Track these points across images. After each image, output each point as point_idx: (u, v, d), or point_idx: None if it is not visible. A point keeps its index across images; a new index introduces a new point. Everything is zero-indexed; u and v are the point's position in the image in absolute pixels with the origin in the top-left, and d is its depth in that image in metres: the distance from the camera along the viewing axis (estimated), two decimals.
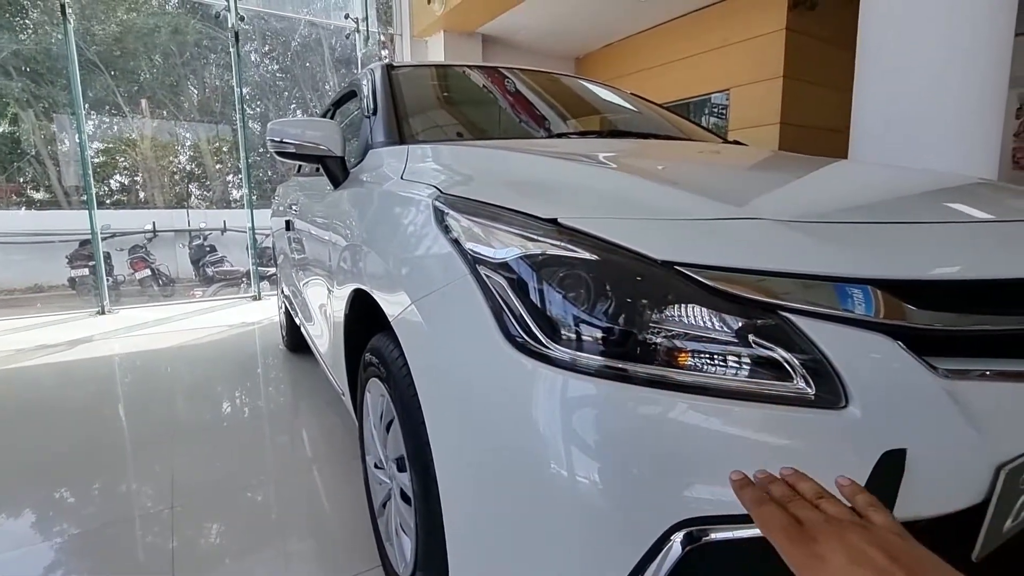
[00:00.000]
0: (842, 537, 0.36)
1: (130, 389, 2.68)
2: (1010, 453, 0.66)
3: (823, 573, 0.35)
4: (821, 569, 0.35)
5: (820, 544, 0.37)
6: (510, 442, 0.69)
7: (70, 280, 6.53)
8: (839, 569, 0.34)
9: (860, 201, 0.92)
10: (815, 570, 0.36)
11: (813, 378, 0.61)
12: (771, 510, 0.41)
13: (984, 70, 2.22)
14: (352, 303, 1.28)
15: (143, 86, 7.59)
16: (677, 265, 0.64)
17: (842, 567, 0.34)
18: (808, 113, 4.53)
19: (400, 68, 1.81)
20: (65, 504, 1.61)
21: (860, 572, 0.34)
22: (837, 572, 0.35)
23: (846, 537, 0.36)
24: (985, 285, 0.71)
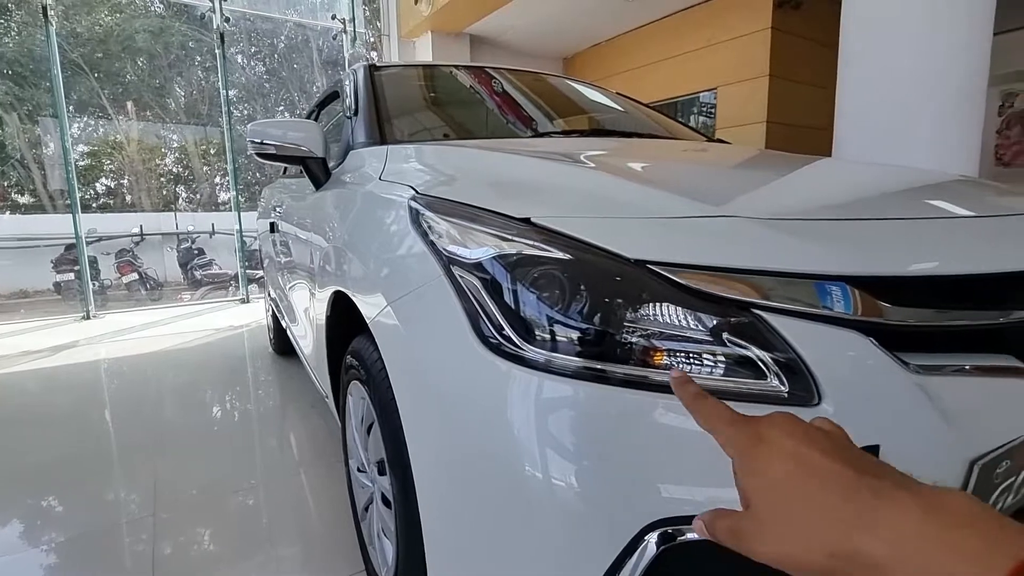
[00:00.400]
0: (788, 420, 0.35)
1: (114, 395, 2.65)
2: (983, 448, 0.66)
3: (762, 449, 0.34)
4: (765, 452, 0.34)
5: (763, 426, 0.35)
6: (485, 444, 0.68)
7: (55, 285, 6.44)
8: (785, 450, 0.33)
9: (836, 198, 0.92)
10: (758, 452, 0.34)
11: (787, 376, 0.61)
12: (714, 403, 0.40)
13: (964, 68, 2.25)
14: (333, 305, 1.27)
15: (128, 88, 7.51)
16: (650, 264, 0.64)
17: (789, 448, 0.33)
18: (794, 111, 4.56)
19: (383, 69, 1.80)
20: (46, 512, 1.59)
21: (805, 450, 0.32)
22: (778, 448, 0.33)
23: (792, 421, 0.35)
24: (958, 281, 0.71)
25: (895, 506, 0.28)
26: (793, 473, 0.32)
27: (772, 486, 0.33)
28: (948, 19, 2.23)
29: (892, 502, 0.28)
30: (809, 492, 0.31)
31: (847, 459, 0.32)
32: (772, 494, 0.33)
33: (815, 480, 0.31)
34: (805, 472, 0.32)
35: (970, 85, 2.28)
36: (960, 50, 2.24)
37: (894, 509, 0.28)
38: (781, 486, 0.32)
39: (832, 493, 0.30)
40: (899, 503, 0.28)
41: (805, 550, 0.30)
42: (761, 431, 0.35)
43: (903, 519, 0.27)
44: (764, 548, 0.33)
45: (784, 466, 0.33)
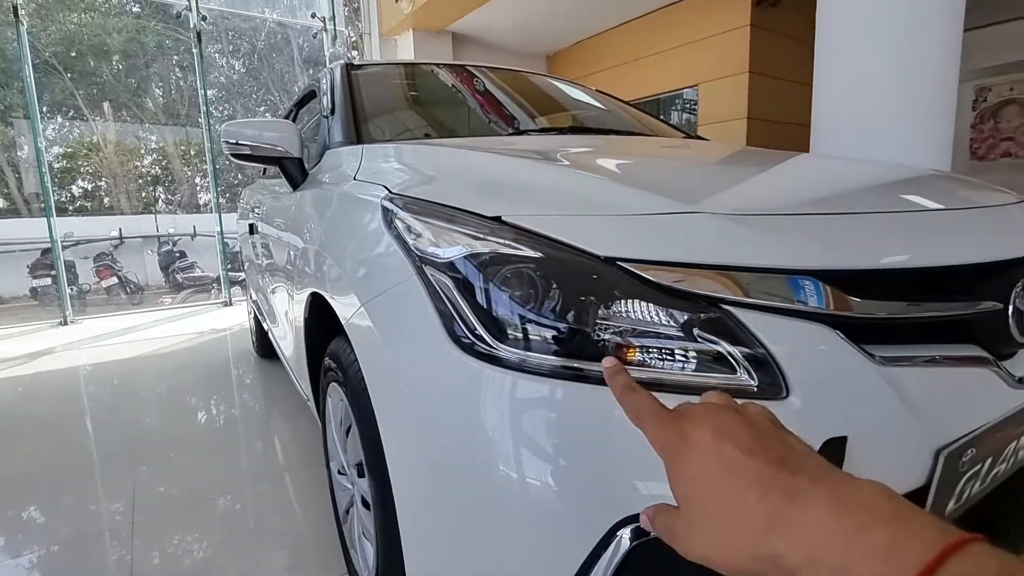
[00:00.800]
0: (711, 414, 0.34)
1: (93, 401, 2.60)
2: (949, 437, 0.68)
3: (685, 449, 0.33)
4: (687, 449, 0.33)
5: (686, 422, 0.35)
6: (460, 445, 0.68)
7: (32, 290, 6.31)
8: (704, 446, 0.32)
9: (807, 194, 0.93)
10: (681, 450, 0.33)
11: (755, 370, 0.61)
12: (643, 396, 0.39)
13: (936, 64, 2.29)
14: (311, 307, 1.26)
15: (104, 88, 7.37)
16: (620, 261, 0.64)
17: (707, 444, 0.32)
18: (774, 108, 4.62)
19: (360, 68, 1.78)
20: (23, 523, 1.55)
21: (724, 447, 0.32)
22: (699, 446, 0.33)
23: (714, 415, 0.34)
24: (925, 273, 0.72)
25: (806, 507, 0.28)
26: (713, 473, 0.32)
27: (695, 486, 0.33)
28: (920, 16, 2.27)
29: (803, 502, 0.28)
30: (727, 492, 0.31)
31: (767, 453, 0.31)
32: (696, 494, 0.33)
33: (733, 479, 0.31)
34: (724, 471, 0.31)
35: (942, 80, 2.32)
36: (932, 46, 2.28)
37: (805, 510, 0.28)
38: (703, 486, 0.32)
39: (748, 493, 0.30)
40: (810, 503, 0.28)
41: (730, 552, 0.30)
42: (685, 428, 0.35)
43: (813, 520, 0.27)
44: (694, 549, 0.33)
45: (704, 465, 0.32)
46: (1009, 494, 0.85)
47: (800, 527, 0.28)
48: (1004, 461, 0.78)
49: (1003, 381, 0.75)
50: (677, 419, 0.36)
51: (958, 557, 0.23)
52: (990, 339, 0.74)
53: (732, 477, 0.31)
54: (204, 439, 2.11)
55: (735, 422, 0.34)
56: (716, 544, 0.31)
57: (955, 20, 2.32)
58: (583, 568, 0.61)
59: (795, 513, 0.28)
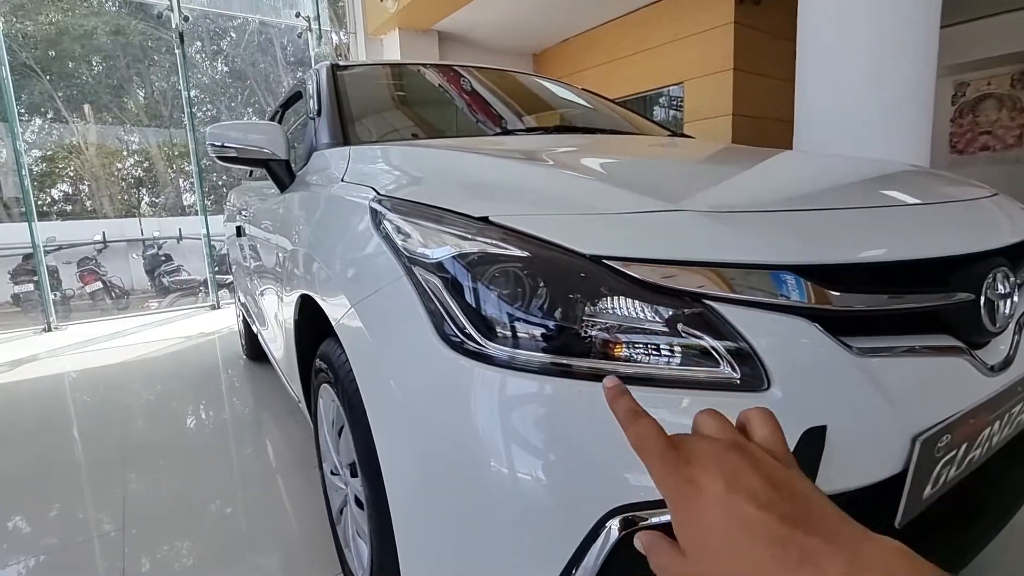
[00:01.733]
0: (720, 461, 0.33)
1: (79, 408, 2.57)
2: (924, 424, 0.70)
3: (693, 498, 0.32)
4: (695, 498, 0.32)
5: (695, 468, 0.33)
6: (452, 442, 0.69)
7: (13, 297, 6.20)
8: (715, 498, 0.31)
9: (787, 190, 0.95)
10: (689, 499, 0.32)
11: (737, 363, 0.63)
12: (647, 426, 0.36)
13: (914, 60, 2.33)
14: (300, 309, 1.26)
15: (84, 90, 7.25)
16: (605, 259, 0.65)
17: (718, 496, 0.31)
18: (759, 104, 4.67)
19: (346, 68, 1.78)
20: (9, 533, 1.54)
21: (735, 501, 0.31)
22: (709, 497, 0.31)
23: (723, 459, 0.33)
24: (901, 266, 0.74)
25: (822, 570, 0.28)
26: (723, 527, 0.31)
27: (703, 540, 0.31)
28: (898, 12, 2.31)
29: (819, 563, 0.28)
30: (740, 550, 0.30)
31: (779, 509, 0.30)
32: (704, 548, 0.31)
33: (745, 537, 0.30)
34: (735, 526, 0.30)
35: (920, 76, 2.37)
36: (909, 42, 2.32)
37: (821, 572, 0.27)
38: (712, 540, 0.31)
39: (762, 552, 0.29)
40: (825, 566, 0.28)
41: None
42: (693, 475, 0.33)
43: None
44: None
45: (714, 519, 0.31)
46: (984, 479, 0.88)
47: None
48: (979, 447, 0.81)
49: (976, 369, 0.77)
50: (684, 464, 0.34)
51: None
52: (964, 329, 0.77)
53: (744, 535, 0.30)
54: (194, 444, 2.10)
55: (745, 468, 0.32)
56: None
57: (932, 16, 2.37)
58: (574, 558, 0.62)
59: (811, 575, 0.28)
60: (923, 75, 2.36)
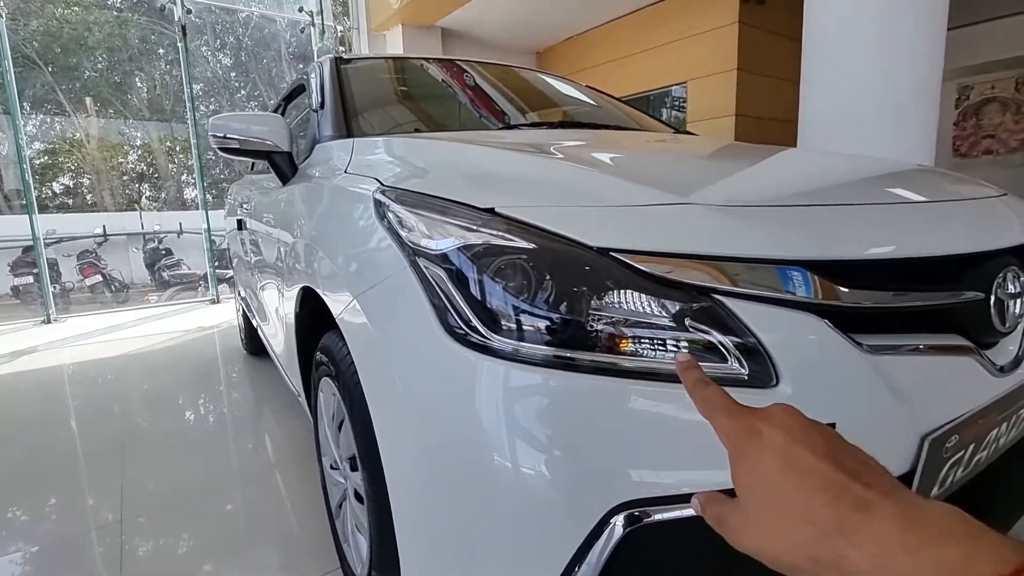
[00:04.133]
0: (785, 415, 0.35)
1: (78, 400, 2.56)
2: (933, 423, 0.69)
3: (754, 443, 0.34)
4: (756, 444, 0.33)
5: (758, 419, 0.35)
6: (454, 436, 0.68)
7: (13, 289, 6.19)
8: (775, 445, 0.33)
9: (795, 186, 0.94)
10: (750, 446, 0.34)
11: (746, 358, 0.62)
12: (715, 390, 0.39)
13: (920, 61, 2.32)
14: (302, 302, 1.25)
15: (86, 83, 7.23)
16: (612, 251, 0.64)
17: (779, 443, 0.33)
18: (762, 104, 4.65)
19: (350, 62, 1.77)
20: (8, 523, 1.53)
21: (796, 448, 0.32)
22: (770, 443, 0.33)
23: (788, 416, 0.35)
24: (910, 263, 0.74)
25: (878, 517, 0.28)
26: (782, 471, 0.32)
27: (760, 482, 0.33)
28: (904, 14, 2.30)
29: (875, 513, 0.28)
30: (795, 493, 0.31)
31: (838, 461, 0.31)
32: (760, 490, 0.33)
33: (803, 481, 0.31)
34: (794, 471, 0.31)
35: (926, 78, 2.36)
36: (916, 44, 2.31)
37: (877, 520, 0.28)
38: (769, 483, 0.32)
39: (818, 497, 0.30)
40: (882, 514, 0.28)
41: (787, 550, 0.30)
42: (756, 424, 0.35)
43: (885, 530, 0.27)
44: (747, 541, 0.33)
45: (774, 462, 0.32)
46: (991, 480, 0.87)
47: (870, 535, 0.28)
48: (986, 448, 0.80)
49: (985, 369, 0.76)
50: (749, 414, 0.36)
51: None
52: (973, 328, 0.76)
53: (802, 478, 0.31)
54: (193, 438, 2.09)
55: (808, 427, 0.34)
56: (773, 539, 0.31)
57: (939, 18, 2.36)
58: (577, 555, 0.61)
59: (865, 522, 0.28)
60: (929, 77, 2.35)
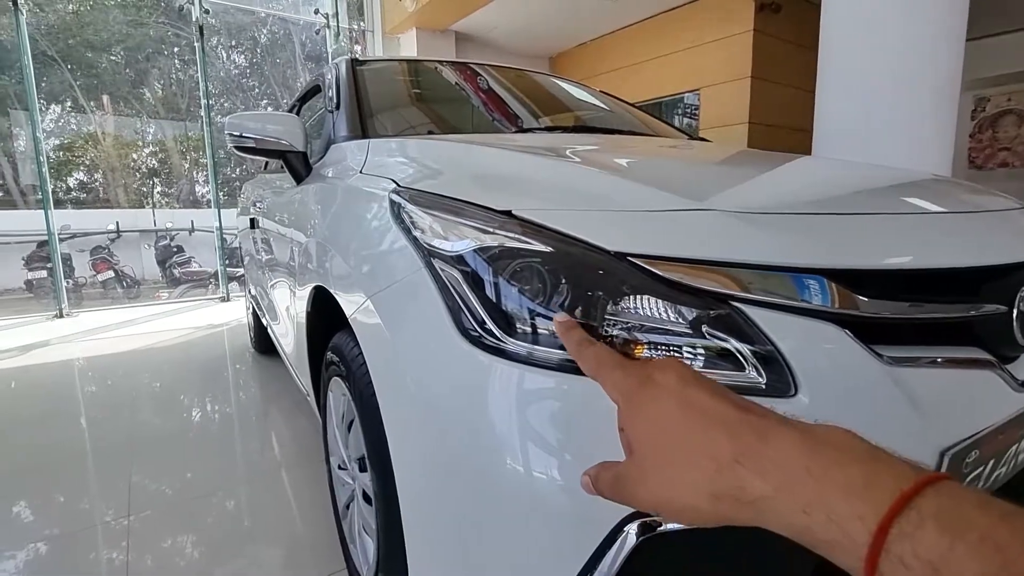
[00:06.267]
0: (676, 363, 0.35)
1: (87, 395, 2.58)
2: (954, 437, 0.68)
3: (647, 389, 0.34)
4: (646, 386, 0.34)
5: (651, 367, 0.35)
6: (466, 438, 0.68)
7: (27, 283, 6.26)
8: (670, 388, 0.33)
9: (814, 194, 0.94)
10: (643, 391, 0.34)
11: (764, 367, 0.61)
12: (603, 348, 0.39)
13: (938, 72, 2.30)
14: (313, 301, 1.26)
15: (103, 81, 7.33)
16: (630, 256, 0.64)
17: (673, 386, 0.33)
18: (775, 113, 4.63)
19: (365, 63, 1.78)
20: (14, 518, 1.54)
21: (690, 391, 0.32)
22: (663, 387, 0.33)
23: (680, 364, 0.35)
24: (930, 274, 0.72)
25: (779, 442, 0.28)
26: (677, 411, 0.32)
27: (656, 426, 0.32)
28: (923, 24, 2.28)
29: (776, 438, 0.28)
30: (693, 430, 0.31)
31: (731, 399, 0.32)
32: (656, 434, 0.32)
33: (699, 418, 0.31)
34: (691, 408, 0.31)
35: (944, 88, 2.33)
36: (934, 55, 2.29)
37: (778, 445, 0.28)
38: (665, 425, 0.32)
39: (716, 431, 0.30)
40: (783, 439, 0.28)
41: (688, 491, 0.30)
42: (649, 372, 0.35)
43: (786, 455, 0.27)
44: (646, 494, 0.32)
45: (669, 404, 0.32)
46: (1010, 496, 0.85)
47: (771, 461, 0.27)
48: (1006, 464, 0.78)
49: (1006, 384, 0.75)
50: (641, 365, 0.36)
51: (932, 490, 0.23)
52: (994, 342, 0.75)
53: (698, 415, 0.31)
54: (201, 435, 2.10)
55: (699, 374, 0.34)
56: (672, 484, 0.30)
57: (957, 29, 2.34)
58: (589, 563, 0.61)
59: (766, 448, 0.28)
60: (947, 88, 2.33)
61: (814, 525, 0.25)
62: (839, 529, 0.24)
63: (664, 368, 0.35)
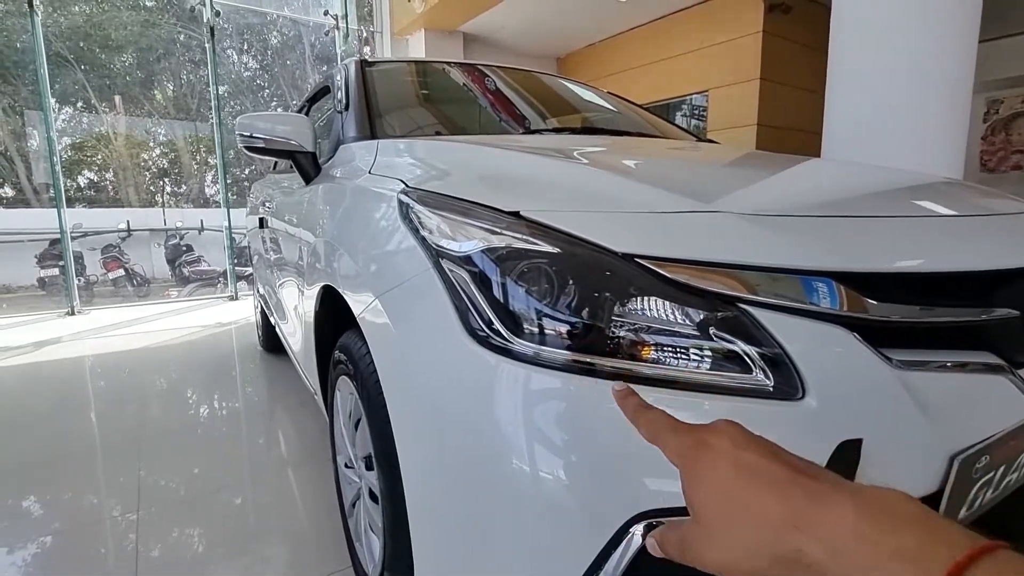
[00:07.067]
0: (730, 426, 0.36)
1: (98, 391, 2.61)
2: (963, 443, 0.67)
3: (703, 455, 0.34)
4: (706, 455, 0.34)
5: (704, 432, 0.36)
6: (473, 438, 0.68)
7: (39, 280, 6.34)
8: (724, 452, 0.34)
9: (823, 196, 0.93)
10: (699, 458, 0.35)
11: (771, 370, 0.61)
12: (658, 413, 0.40)
13: (949, 74, 2.28)
14: (322, 300, 1.27)
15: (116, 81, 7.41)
16: (638, 258, 0.64)
17: (727, 450, 0.34)
18: (784, 115, 4.61)
19: (375, 64, 1.79)
20: (25, 511, 1.56)
21: (743, 453, 0.33)
22: (718, 452, 0.34)
23: (733, 427, 0.36)
24: (940, 278, 0.72)
25: (831, 506, 0.28)
26: (733, 473, 0.33)
27: (714, 490, 0.33)
28: (935, 26, 2.26)
29: (828, 502, 0.28)
30: (748, 492, 0.31)
31: (784, 459, 0.32)
32: (714, 499, 0.33)
33: (753, 481, 0.32)
34: (744, 471, 0.32)
35: (956, 91, 2.31)
36: (946, 57, 2.27)
37: (830, 509, 0.28)
38: (722, 490, 0.33)
39: (769, 494, 0.31)
40: (834, 503, 0.28)
41: (749, 555, 0.31)
42: (703, 437, 0.36)
43: (839, 519, 0.27)
44: (712, 556, 0.33)
45: (724, 467, 0.33)
46: (1021, 503, 0.84)
47: (825, 525, 0.28)
48: (1016, 470, 0.77)
49: (1017, 389, 0.74)
50: (695, 429, 0.37)
51: (987, 560, 0.23)
52: (1005, 346, 0.74)
53: (753, 478, 0.32)
54: (208, 432, 2.12)
55: (751, 435, 0.35)
56: (735, 547, 0.31)
57: (970, 29, 2.32)
58: (595, 564, 0.61)
59: (819, 513, 0.28)
60: (959, 90, 2.30)
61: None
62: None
63: (718, 432, 0.35)
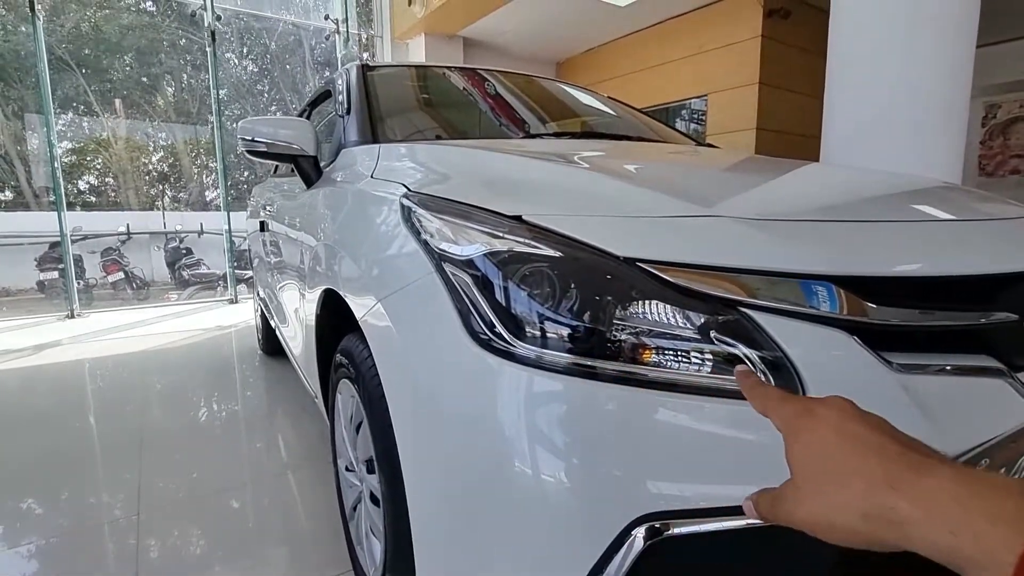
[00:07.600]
0: (840, 399, 0.37)
1: (97, 394, 2.61)
2: (963, 446, 0.67)
3: (808, 421, 0.35)
4: (812, 423, 0.35)
5: (813, 402, 0.37)
6: (475, 440, 0.69)
7: (39, 283, 6.34)
8: (830, 421, 0.34)
9: (822, 200, 0.94)
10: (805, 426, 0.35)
11: (772, 373, 0.62)
12: (768, 388, 0.42)
13: (948, 79, 2.29)
14: (323, 304, 1.27)
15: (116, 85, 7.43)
16: (639, 262, 0.64)
17: (833, 420, 0.34)
18: (783, 119, 4.63)
19: (376, 68, 1.80)
20: (25, 514, 1.56)
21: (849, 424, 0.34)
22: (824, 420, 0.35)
23: (843, 400, 0.36)
24: (940, 282, 0.72)
25: (930, 472, 0.29)
26: (836, 437, 0.34)
27: (813, 451, 0.34)
28: (932, 31, 2.27)
29: (928, 469, 0.29)
30: (847, 455, 0.32)
31: (894, 435, 0.33)
32: (813, 458, 0.34)
33: (856, 446, 0.32)
34: (848, 438, 0.33)
35: (954, 95, 2.32)
36: (944, 61, 2.28)
37: (929, 474, 0.29)
38: (821, 450, 0.34)
39: (871, 457, 0.31)
40: (939, 474, 0.29)
41: (839, 509, 0.31)
42: (811, 406, 0.37)
43: (937, 483, 0.28)
44: (800, 512, 0.34)
45: (828, 432, 0.34)
46: None
47: (922, 487, 0.28)
48: (1017, 472, 0.78)
49: (1017, 392, 0.74)
50: (804, 400, 0.38)
51: None
52: (1005, 350, 0.74)
53: (855, 443, 0.33)
54: (208, 435, 2.12)
55: (864, 412, 0.36)
56: (826, 503, 0.32)
57: (968, 34, 2.33)
58: (597, 567, 0.61)
59: (917, 477, 0.29)
60: (957, 94, 2.31)
61: (961, 545, 0.26)
62: (984, 551, 0.25)
63: (827, 403, 0.36)
